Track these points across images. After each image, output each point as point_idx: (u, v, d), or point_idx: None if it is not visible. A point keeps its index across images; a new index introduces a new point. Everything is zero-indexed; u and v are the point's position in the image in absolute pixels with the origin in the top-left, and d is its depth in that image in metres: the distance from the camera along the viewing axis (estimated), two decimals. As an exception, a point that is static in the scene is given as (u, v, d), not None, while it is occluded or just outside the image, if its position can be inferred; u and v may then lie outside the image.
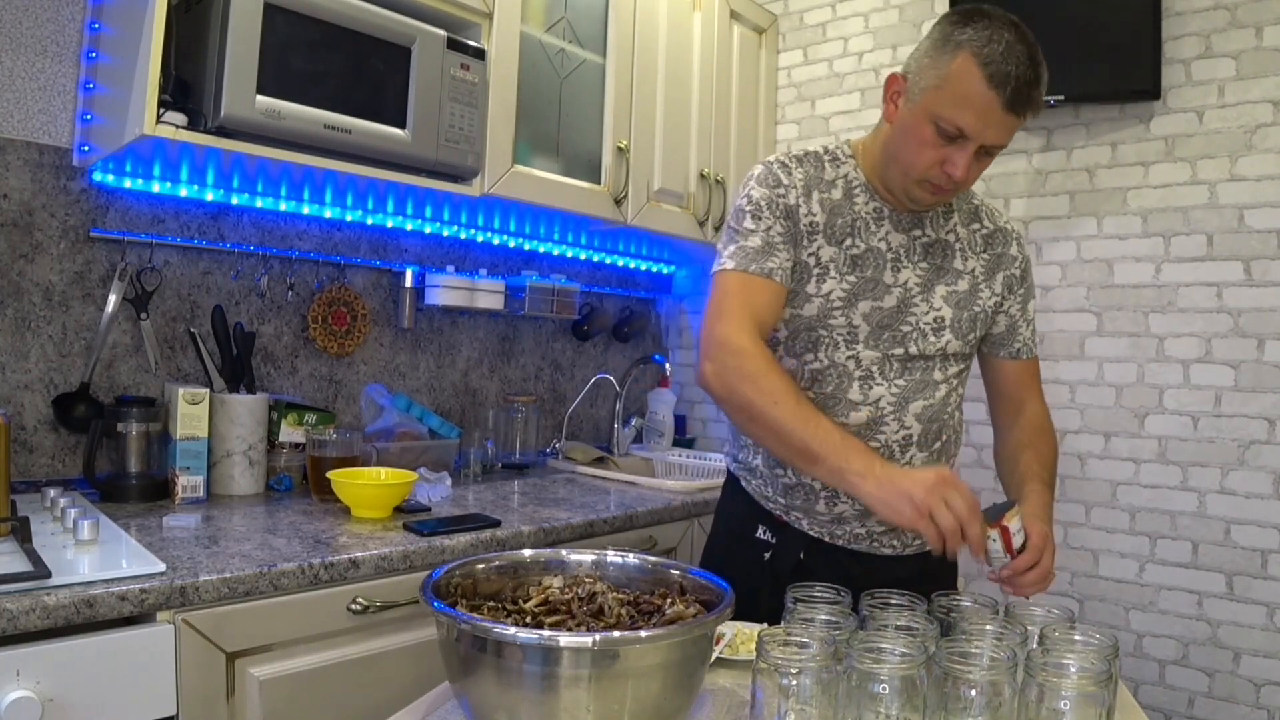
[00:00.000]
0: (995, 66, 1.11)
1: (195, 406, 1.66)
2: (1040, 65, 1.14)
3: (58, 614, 1.06)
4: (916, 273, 1.31)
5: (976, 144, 1.16)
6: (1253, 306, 2.01)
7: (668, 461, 2.69)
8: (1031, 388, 1.42)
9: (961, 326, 1.32)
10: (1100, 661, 0.81)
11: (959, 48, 1.14)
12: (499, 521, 1.63)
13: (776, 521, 1.36)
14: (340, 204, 2.05)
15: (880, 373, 1.28)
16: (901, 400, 1.28)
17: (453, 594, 0.93)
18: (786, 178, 1.29)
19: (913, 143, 1.20)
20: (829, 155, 1.34)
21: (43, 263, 1.68)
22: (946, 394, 1.33)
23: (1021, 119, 1.15)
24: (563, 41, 2.14)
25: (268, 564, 1.27)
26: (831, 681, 0.78)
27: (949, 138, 1.17)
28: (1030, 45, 1.14)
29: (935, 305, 1.31)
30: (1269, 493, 1.98)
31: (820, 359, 1.29)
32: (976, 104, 1.13)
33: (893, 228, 1.31)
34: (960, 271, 1.33)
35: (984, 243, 1.36)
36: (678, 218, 2.45)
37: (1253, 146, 2.01)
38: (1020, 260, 1.38)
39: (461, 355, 2.40)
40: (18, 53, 1.65)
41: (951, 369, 1.33)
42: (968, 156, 1.17)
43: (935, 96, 1.16)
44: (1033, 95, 1.14)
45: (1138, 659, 2.12)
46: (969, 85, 1.13)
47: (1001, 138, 1.17)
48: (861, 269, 1.29)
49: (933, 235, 1.33)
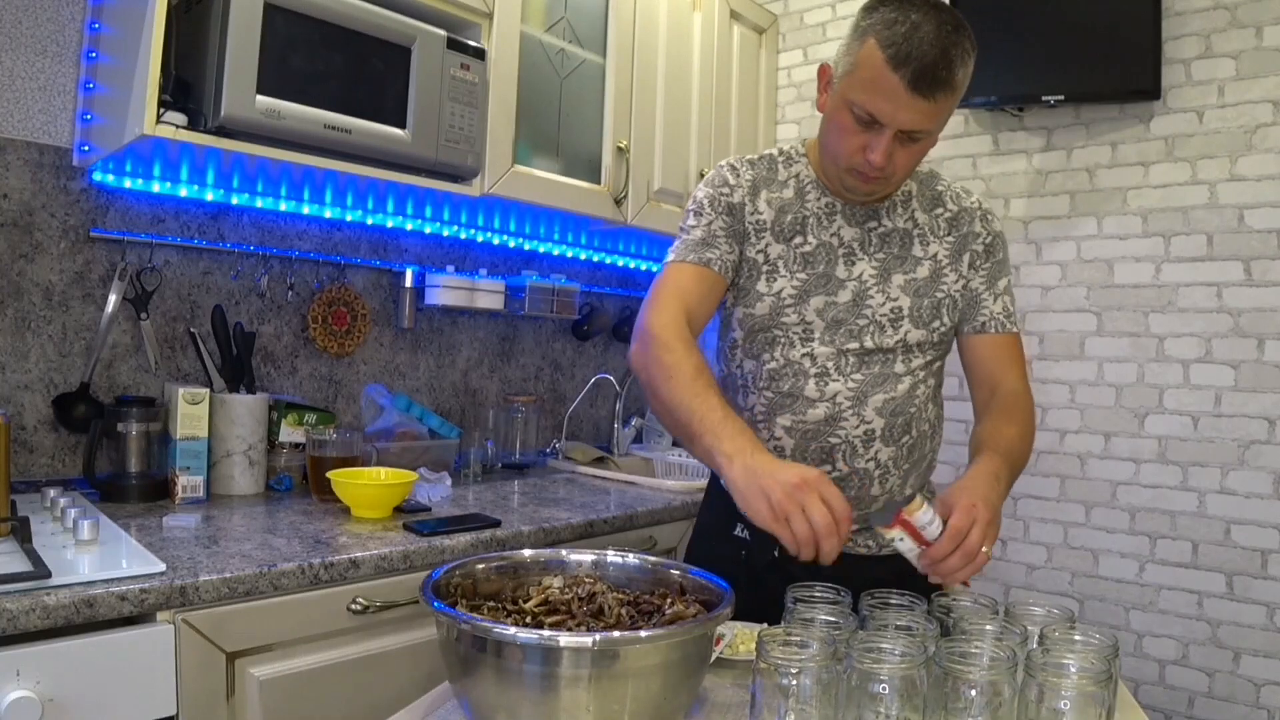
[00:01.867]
0: (896, 49, 1.10)
1: (195, 406, 1.66)
2: (953, 45, 1.10)
3: (58, 614, 1.06)
4: (872, 264, 1.30)
5: (892, 129, 1.14)
6: (1253, 306, 2.01)
7: (668, 461, 2.68)
8: (1006, 366, 1.34)
9: (922, 315, 1.30)
10: (1100, 661, 0.81)
11: (865, 33, 1.14)
12: (499, 521, 1.63)
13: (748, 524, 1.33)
14: (340, 204, 2.05)
15: (836, 368, 1.27)
16: (859, 395, 1.27)
17: (453, 594, 0.93)
18: (734, 178, 1.32)
19: (835, 131, 1.21)
20: (783, 156, 1.35)
21: (43, 263, 1.68)
22: (911, 386, 1.30)
23: (931, 100, 1.12)
24: (563, 41, 2.13)
25: (268, 564, 1.27)
26: (831, 681, 0.78)
27: (864, 124, 1.16)
28: (942, 24, 1.10)
29: (892, 295, 1.29)
30: (1269, 493, 1.98)
31: (776, 358, 1.29)
32: (881, 87, 1.12)
33: (845, 222, 1.30)
34: (919, 258, 1.31)
35: (948, 226, 1.34)
36: (678, 218, 2.42)
37: (1253, 146, 2.01)
38: (984, 236, 1.34)
39: (461, 355, 2.40)
40: (18, 53, 1.65)
41: (916, 360, 1.30)
42: (885, 142, 1.15)
43: (848, 83, 1.16)
44: (938, 76, 1.10)
45: (1138, 659, 2.12)
46: (873, 69, 1.12)
47: (917, 122, 1.14)
48: (812, 265, 1.29)
49: (889, 225, 1.32)
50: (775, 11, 2.81)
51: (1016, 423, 1.27)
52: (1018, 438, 1.25)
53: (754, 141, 2.72)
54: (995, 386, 1.34)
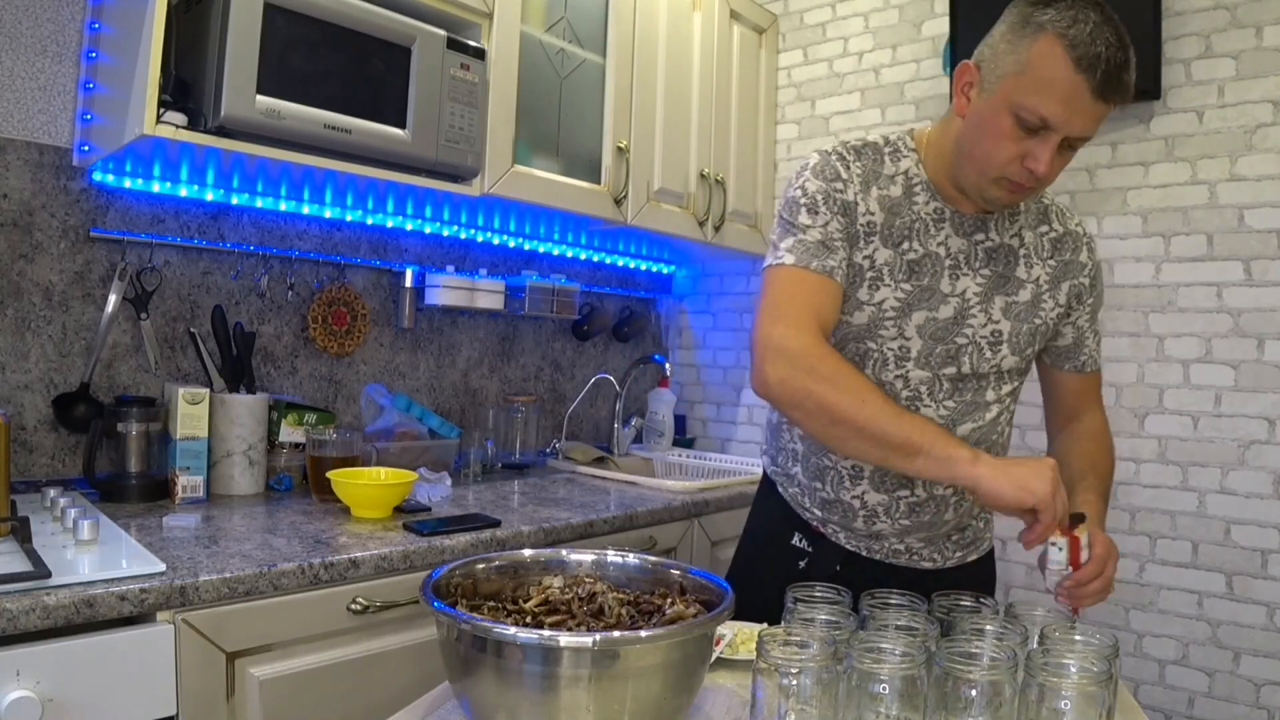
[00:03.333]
0: (1083, 49, 1.01)
1: (195, 406, 1.66)
2: (1129, 47, 1.04)
3: (58, 614, 1.06)
4: (977, 281, 1.21)
5: (1061, 135, 1.05)
6: (1253, 306, 2.01)
7: (668, 461, 2.69)
8: (1093, 400, 1.34)
9: (1019, 341, 1.23)
10: (1100, 661, 0.81)
11: (1040, 30, 1.03)
12: (499, 521, 1.63)
13: (813, 532, 1.33)
14: (340, 204, 2.05)
15: (929, 393, 1.22)
16: (949, 423, 1.22)
17: (453, 594, 0.93)
18: (845, 171, 1.20)
19: (989, 136, 1.09)
20: (889, 147, 1.23)
21: (43, 263, 1.68)
22: (998, 414, 1.26)
23: (1111, 106, 1.04)
24: (563, 41, 2.14)
25: (268, 564, 1.27)
26: (831, 681, 0.78)
27: (1030, 129, 1.06)
28: (1117, 25, 1.03)
29: (994, 317, 1.22)
30: (1269, 493, 1.98)
31: (867, 375, 1.21)
32: (1062, 90, 1.03)
33: (953, 231, 1.21)
34: (1023, 281, 1.23)
35: (1052, 248, 1.25)
36: (678, 218, 2.45)
37: (1253, 146, 2.01)
38: (1090, 268, 1.27)
39: (461, 355, 2.40)
40: (18, 53, 1.65)
41: (1006, 387, 1.26)
42: (1051, 149, 1.06)
43: (1015, 84, 1.05)
44: (1124, 80, 1.03)
45: (1138, 659, 2.12)
46: (1054, 70, 1.02)
47: (1089, 128, 1.06)
48: (918, 276, 1.20)
49: (996, 240, 1.22)
50: (775, 11, 2.81)
51: (1107, 456, 1.32)
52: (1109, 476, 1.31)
53: (754, 141, 2.72)
54: (1078, 416, 1.34)
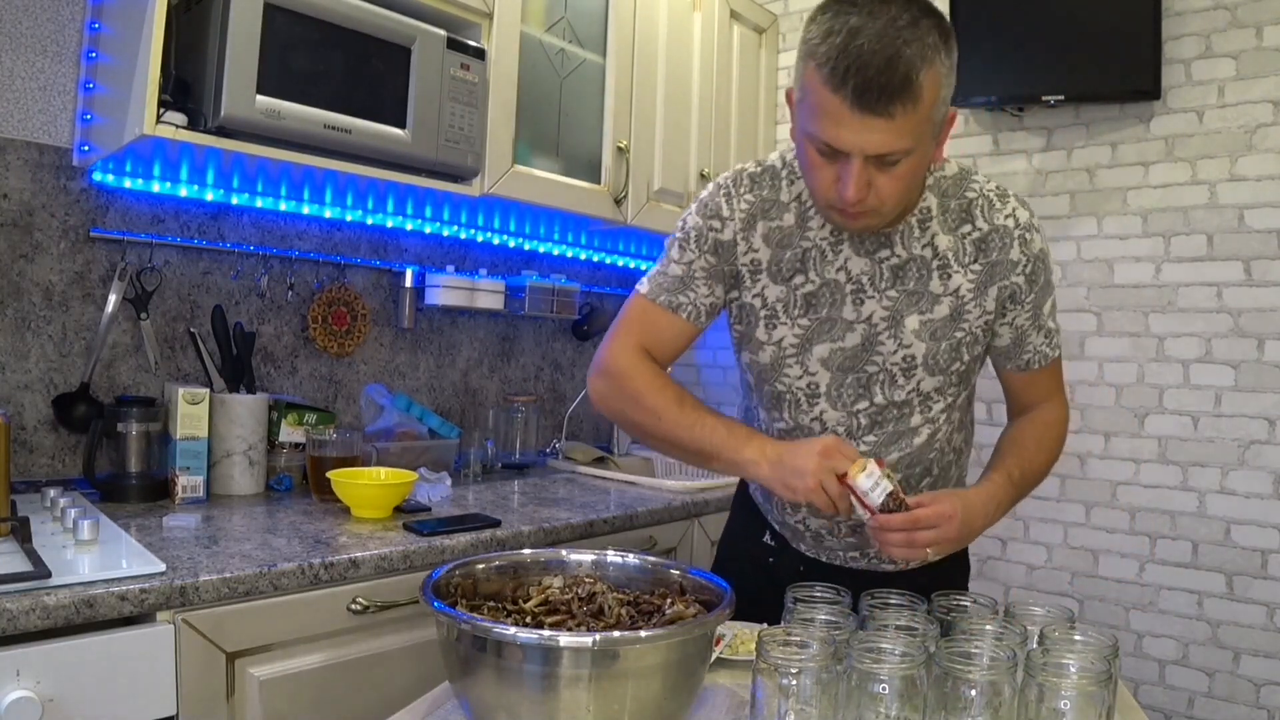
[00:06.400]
0: (831, 65, 0.94)
1: (195, 406, 1.66)
2: (905, 44, 0.92)
3: (58, 614, 1.06)
4: (884, 303, 1.16)
5: (858, 157, 0.98)
6: (1253, 306, 2.01)
7: (668, 461, 2.68)
8: (1044, 393, 1.28)
9: (939, 361, 1.17)
10: (1100, 661, 0.81)
11: (806, 54, 0.98)
12: (499, 521, 1.63)
13: (777, 534, 1.36)
14: (340, 204, 2.05)
15: (847, 431, 1.20)
16: (874, 453, 1.20)
17: (453, 594, 0.93)
18: (728, 207, 1.19)
19: (805, 167, 1.06)
20: (786, 169, 1.19)
21: (43, 263, 1.68)
22: (930, 435, 1.21)
23: (888, 117, 0.94)
24: (563, 41, 2.13)
25: (268, 564, 1.27)
26: (831, 681, 0.78)
27: (828, 156, 1.01)
28: (891, 21, 0.93)
29: (905, 341, 1.16)
30: (1269, 493, 1.98)
31: (785, 419, 1.23)
32: (827, 111, 0.96)
33: (853, 252, 1.15)
34: (938, 295, 1.15)
35: (975, 250, 1.15)
36: (677, 217, 2.43)
37: (1253, 146, 2.01)
38: (1024, 264, 1.15)
39: (461, 355, 2.40)
40: (18, 53, 1.65)
41: (936, 407, 1.20)
42: (854, 172, 0.98)
43: (801, 112, 1.02)
44: (888, 86, 0.92)
45: (1138, 659, 2.12)
46: (816, 94, 0.97)
47: (881, 144, 0.96)
48: (816, 309, 1.17)
49: (904, 254, 1.15)
50: (775, 11, 2.81)
51: (1045, 449, 1.25)
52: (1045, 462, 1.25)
53: (754, 141, 2.72)
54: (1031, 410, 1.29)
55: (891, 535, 1.04)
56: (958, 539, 1.07)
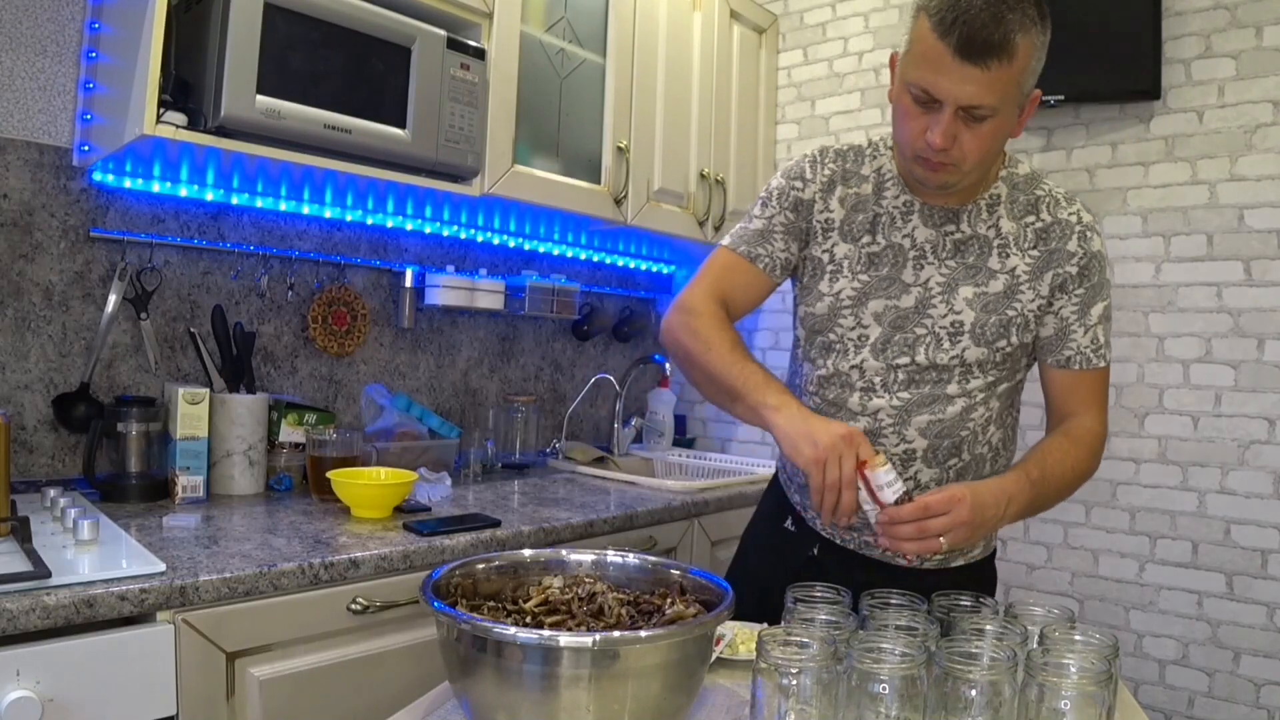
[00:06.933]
0: (941, 14, 1.04)
1: (195, 406, 1.66)
2: (1009, 8, 1.03)
3: (58, 614, 1.06)
4: (942, 270, 1.23)
5: (950, 106, 1.07)
6: (1253, 306, 2.01)
7: (668, 461, 2.69)
8: (1082, 402, 1.25)
9: (986, 332, 1.21)
10: (1100, 661, 0.81)
11: (920, 7, 1.09)
12: (499, 521, 1.63)
13: (797, 516, 1.38)
14: (340, 204, 2.05)
15: (883, 384, 1.24)
16: (903, 413, 1.23)
17: (453, 594, 0.93)
18: (811, 172, 1.29)
19: (899, 117, 1.16)
20: (870, 148, 1.30)
21: (43, 263, 1.68)
22: (966, 409, 1.23)
23: (984, 68, 1.04)
24: (563, 41, 2.13)
25: (268, 564, 1.27)
26: (831, 681, 0.78)
27: (923, 104, 1.10)
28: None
29: (956, 308, 1.22)
30: (1269, 493, 1.98)
31: (828, 366, 1.28)
32: (930, 58, 1.06)
33: (921, 222, 1.24)
34: (994, 271, 1.22)
35: (1036, 237, 1.22)
36: (678, 218, 2.45)
37: (1253, 146, 2.01)
38: (1079, 256, 1.21)
39: (461, 355, 2.40)
40: (18, 53, 1.65)
41: (975, 381, 1.23)
42: (944, 121, 1.08)
43: (905, 62, 1.12)
44: (990, 39, 1.02)
45: (1138, 659, 2.12)
46: (923, 41, 1.07)
47: (974, 95, 1.06)
48: (877, 267, 1.25)
49: (968, 231, 1.23)
50: (775, 11, 2.81)
51: (1073, 457, 1.20)
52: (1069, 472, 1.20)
53: (754, 141, 2.72)
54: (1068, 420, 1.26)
55: (902, 528, 1.06)
56: (969, 523, 1.06)
